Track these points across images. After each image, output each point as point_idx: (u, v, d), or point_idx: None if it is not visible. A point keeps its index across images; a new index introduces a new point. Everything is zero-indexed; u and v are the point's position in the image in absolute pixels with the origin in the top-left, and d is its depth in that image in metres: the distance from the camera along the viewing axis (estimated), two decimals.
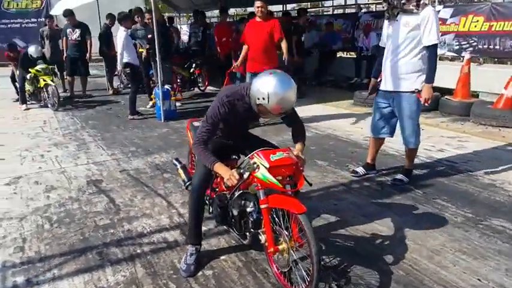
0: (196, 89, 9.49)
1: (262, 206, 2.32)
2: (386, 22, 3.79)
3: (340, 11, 14.99)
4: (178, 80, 8.73)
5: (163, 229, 3.14)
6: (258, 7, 5.49)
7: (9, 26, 16.60)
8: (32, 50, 7.62)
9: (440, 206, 3.42)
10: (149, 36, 6.79)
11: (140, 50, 7.12)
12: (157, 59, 6.53)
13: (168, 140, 5.63)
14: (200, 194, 2.61)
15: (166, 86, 6.82)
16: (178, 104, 7.48)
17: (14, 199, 3.73)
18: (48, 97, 7.67)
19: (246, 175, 2.31)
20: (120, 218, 3.32)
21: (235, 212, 2.59)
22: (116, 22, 7.28)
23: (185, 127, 4.59)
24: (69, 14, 8.49)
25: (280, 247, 2.31)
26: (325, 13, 16.08)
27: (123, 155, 4.94)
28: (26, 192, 3.88)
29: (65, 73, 9.29)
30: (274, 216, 2.38)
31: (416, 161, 4.33)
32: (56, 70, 9.38)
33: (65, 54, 8.83)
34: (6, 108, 7.97)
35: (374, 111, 3.96)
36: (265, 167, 2.24)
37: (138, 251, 2.84)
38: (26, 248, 2.89)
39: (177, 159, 3.30)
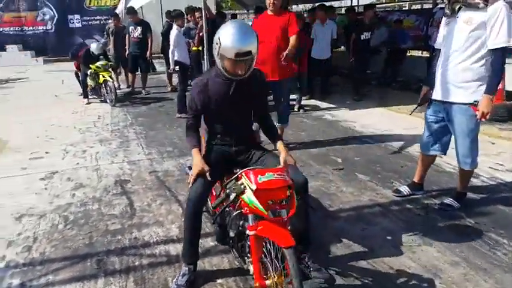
0: None
1: (250, 233, 2.05)
2: (444, 19, 3.26)
3: (418, 6, 13.90)
4: None
5: (169, 240, 3.00)
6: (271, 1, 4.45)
7: (90, 23, 17.84)
8: (94, 47, 8.01)
9: (494, 241, 2.87)
10: (200, 34, 6.76)
11: (193, 48, 7.13)
12: (205, 57, 6.48)
13: None
14: (196, 208, 2.39)
15: None
16: None
17: (42, 195, 3.85)
18: (107, 93, 8.03)
19: (232, 196, 2.06)
20: (131, 224, 3.25)
21: (231, 234, 2.37)
22: None
23: None
24: (131, 12, 8.80)
25: (267, 282, 2.03)
26: (401, 8, 15.04)
27: (158, 155, 4.93)
28: (55, 189, 3.99)
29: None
30: (268, 244, 2.10)
31: (475, 181, 3.78)
32: (120, 66, 9.88)
33: (127, 52, 9.17)
34: (71, 101, 8.47)
35: (425, 124, 3.46)
36: (251, 190, 1.98)
37: (136, 263, 2.73)
38: (34, 248, 2.93)
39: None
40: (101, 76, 7.88)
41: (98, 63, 7.88)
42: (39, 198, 3.78)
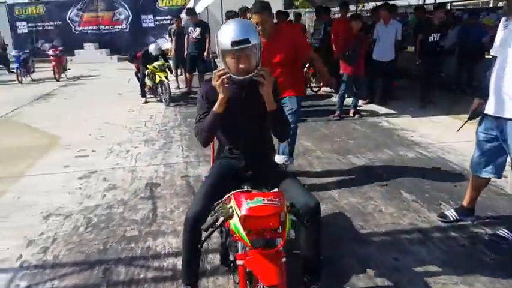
0: (309, 91, 9.05)
1: (238, 263, 1.85)
2: (502, 21, 2.79)
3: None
4: None
5: (180, 253, 2.87)
6: (255, 23, 3.36)
7: (161, 22, 18.59)
8: (152, 47, 8.24)
9: None
10: None
11: None
12: None
13: None
14: (194, 225, 2.18)
15: None
16: None
17: (75, 195, 3.95)
18: (162, 92, 8.23)
19: (220, 220, 1.86)
20: (148, 232, 3.20)
21: (231, 257, 2.19)
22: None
23: None
24: (191, 12, 8.93)
25: None
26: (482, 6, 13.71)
27: (195, 159, 4.89)
28: (88, 189, 4.09)
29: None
30: None
31: None
32: (181, 67, 10.10)
33: (185, 52, 9.33)
34: (131, 100, 8.81)
35: (475, 142, 2.99)
36: (238, 215, 1.78)
37: (141, 275, 2.65)
38: (50, 250, 2.98)
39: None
40: (157, 76, 8.09)
41: (155, 64, 8.09)
42: (71, 198, 3.89)
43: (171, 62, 9.58)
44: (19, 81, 11.95)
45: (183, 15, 10.92)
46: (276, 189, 2.09)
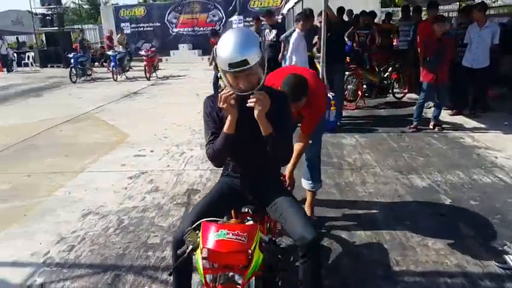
0: (391, 97, 8.44)
1: None
2: None
3: None
4: (364, 85, 7.97)
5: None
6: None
7: (251, 23, 18.92)
8: None
9: None
10: (316, 37, 6.36)
11: (308, 53, 6.78)
12: (320, 62, 6.07)
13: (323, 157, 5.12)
14: (178, 247, 2.08)
15: (330, 93, 6.28)
16: (350, 113, 6.79)
17: (119, 194, 4.13)
18: None
19: (189, 249, 1.73)
20: (169, 241, 3.18)
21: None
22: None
23: (340, 143, 5.03)
24: (267, 14, 8.88)
25: None
26: None
27: None
28: (133, 190, 4.24)
29: None
30: None
31: None
32: None
33: None
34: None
35: None
36: (200, 248, 1.64)
37: (127, 285, 2.64)
38: (75, 249, 3.13)
39: None
40: None
41: None
42: (114, 197, 4.07)
43: None
44: (114, 79, 13.08)
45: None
46: (250, 222, 1.89)
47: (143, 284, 2.68)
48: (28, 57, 19.00)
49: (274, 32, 8.87)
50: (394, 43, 10.02)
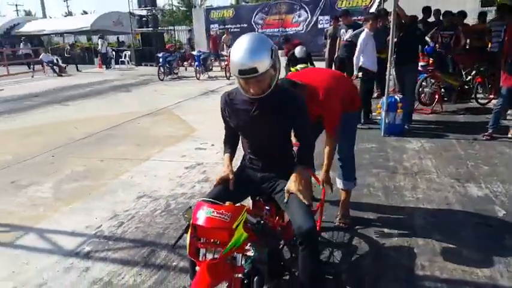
0: (474, 102, 7.92)
1: (197, 269, 1.94)
2: None
3: None
4: (442, 89, 7.59)
5: None
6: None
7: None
8: (297, 50, 8.53)
9: None
10: (388, 38, 6.23)
11: (379, 54, 6.65)
12: (388, 64, 5.98)
13: (372, 156, 5.14)
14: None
15: (397, 96, 6.14)
16: (423, 117, 6.54)
17: (173, 182, 4.53)
18: None
19: (185, 225, 1.96)
20: None
21: None
22: None
23: (403, 146, 4.99)
24: (343, 13, 8.86)
25: None
26: None
27: None
28: (186, 179, 4.62)
29: None
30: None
31: None
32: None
33: (336, 54, 9.32)
34: None
35: None
36: (189, 223, 1.86)
37: (174, 263, 2.94)
38: (123, 225, 3.55)
39: None
40: None
41: (298, 66, 8.32)
42: (168, 184, 4.48)
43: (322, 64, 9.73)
44: (197, 78, 13.93)
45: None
46: (238, 203, 2.05)
47: (173, 260, 2.98)
48: (125, 55, 20.93)
49: (350, 31, 8.82)
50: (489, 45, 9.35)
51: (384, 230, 3.31)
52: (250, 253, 2.13)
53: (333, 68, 9.83)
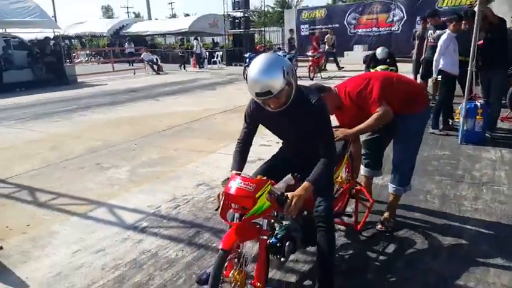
0: None
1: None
2: None
3: None
4: None
5: None
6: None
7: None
8: (379, 51, 8.41)
9: None
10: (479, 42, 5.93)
11: (462, 57, 6.33)
12: (469, 67, 5.69)
13: (441, 164, 5.01)
14: None
15: (479, 101, 5.82)
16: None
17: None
18: None
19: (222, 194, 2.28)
20: None
21: None
22: None
23: (478, 156, 5.03)
24: (431, 14, 8.51)
25: (229, 274, 2.23)
26: None
27: None
28: (247, 171, 4.89)
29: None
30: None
31: None
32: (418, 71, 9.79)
33: (423, 56, 8.99)
34: None
35: None
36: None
37: (214, 244, 3.23)
38: (179, 208, 3.96)
39: None
40: None
41: (378, 67, 8.25)
42: (227, 175, 4.80)
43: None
44: None
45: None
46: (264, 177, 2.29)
47: (213, 242, 3.28)
48: (217, 56, 22.09)
49: (437, 32, 8.48)
50: None
51: (426, 236, 3.28)
52: (287, 222, 2.48)
53: (420, 70, 9.52)
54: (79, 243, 3.34)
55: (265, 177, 2.27)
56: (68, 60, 20.24)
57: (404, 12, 19.04)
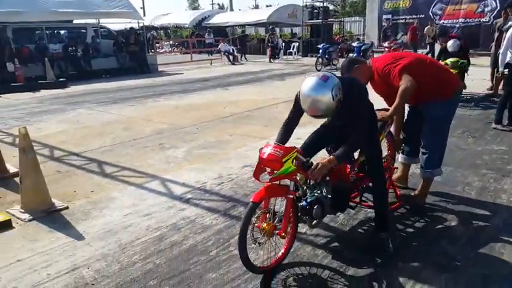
0: None
1: None
2: None
3: None
4: None
5: None
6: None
7: None
8: (449, 44, 8.17)
9: None
10: None
11: None
12: None
13: (492, 159, 4.97)
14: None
15: None
16: None
17: None
18: None
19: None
20: None
21: None
22: None
23: None
24: (509, 5, 8.08)
25: (262, 225, 2.74)
26: None
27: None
28: None
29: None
30: None
31: None
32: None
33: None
34: None
35: None
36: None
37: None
38: (222, 184, 4.43)
39: None
40: None
41: (448, 60, 8.02)
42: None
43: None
44: (316, 69, 14.25)
45: None
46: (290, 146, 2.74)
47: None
48: (293, 46, 22.37)
49: (509, 24, 8.06)
50: None
51: (451, 223, 3.42)
52: (321, 191, 2.96)
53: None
54: (131, 208, 3.93)
55: (294, 147, 2.69)
56: (152, 50, 21.79)
57: (497, 2, 17.80)
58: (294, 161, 2.63)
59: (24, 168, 3.78)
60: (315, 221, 3.01)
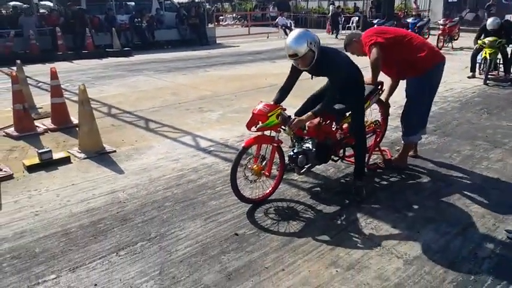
0: None
1: None
2: None
3: None
4: None
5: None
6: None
7: None
8: (489, 21, 8.29)
9: None
10: None
11: None
12: None
13: (495, 133, 5.41)
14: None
15: None
16: None
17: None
18: (482, 70, 8.30)
19: None
20: None
21: None
22: None
23: None
24: None
25: (253, 167, 3.62)
26: None
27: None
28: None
29: None
30: None
31: None
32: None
33: None
34: (460, 71, 9.44)
35: None
36: None
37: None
38: (242, 141, 5.28)
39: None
40: (483, 52, 8.23)
41: (486, 39, 8.22)
42: None
43: None
44: None
45: None
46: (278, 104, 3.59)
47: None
48: (352, 21, 22.39)
49: None
50: None
51: (424, 178, 4.07)
52: (308, 144, 3.79)
53: None
54: (164, 154, 4.95)
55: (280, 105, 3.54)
56: (210, 23, 22.84)
57: None
58: (279, 116, 3.44)
59: (82, 118, 4.90)
60: (302, 170, 3.83)
